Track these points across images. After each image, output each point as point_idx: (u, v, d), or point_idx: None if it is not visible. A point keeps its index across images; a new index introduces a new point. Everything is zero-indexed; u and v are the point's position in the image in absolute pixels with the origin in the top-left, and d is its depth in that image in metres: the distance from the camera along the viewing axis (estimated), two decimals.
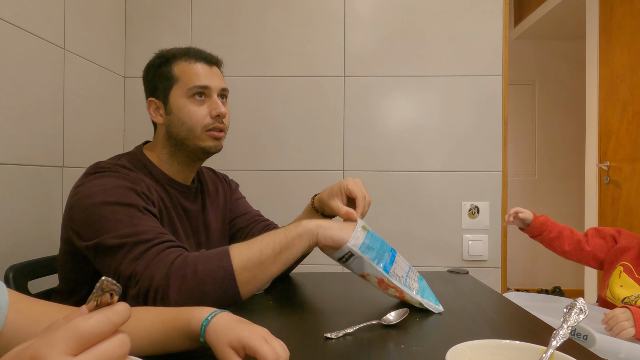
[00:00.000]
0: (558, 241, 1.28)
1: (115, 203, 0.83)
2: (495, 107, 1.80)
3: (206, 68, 1.03)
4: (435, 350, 0.65)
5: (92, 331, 0.32)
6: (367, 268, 0.83)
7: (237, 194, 1.26)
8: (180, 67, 1.02)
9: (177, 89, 1.01)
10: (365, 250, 0.82)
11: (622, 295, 1.07)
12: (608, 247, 1.23)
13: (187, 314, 0.62)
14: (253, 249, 0.80)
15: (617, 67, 2.52)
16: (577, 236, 1.28)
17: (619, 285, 1.10)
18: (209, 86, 1.01)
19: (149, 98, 1.05)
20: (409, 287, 0.85)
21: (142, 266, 0.77)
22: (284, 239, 0.82)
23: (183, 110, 1.00)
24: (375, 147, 1.81)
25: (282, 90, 1.83)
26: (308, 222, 0.85)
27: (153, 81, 1.04)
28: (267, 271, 0.81)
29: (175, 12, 1.83)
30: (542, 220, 1.30)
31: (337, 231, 0.83)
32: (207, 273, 0.76)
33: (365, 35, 1.82)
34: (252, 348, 0.55)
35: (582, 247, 1.25)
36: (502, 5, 1.79)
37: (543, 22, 3.53)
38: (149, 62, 1.07)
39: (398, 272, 0.85)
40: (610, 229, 1.27)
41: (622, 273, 1.12)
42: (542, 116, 4.01)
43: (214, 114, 1.01)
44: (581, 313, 0.58)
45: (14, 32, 1.20)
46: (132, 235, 0.79)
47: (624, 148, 2.46)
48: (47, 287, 1.08)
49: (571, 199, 3.95)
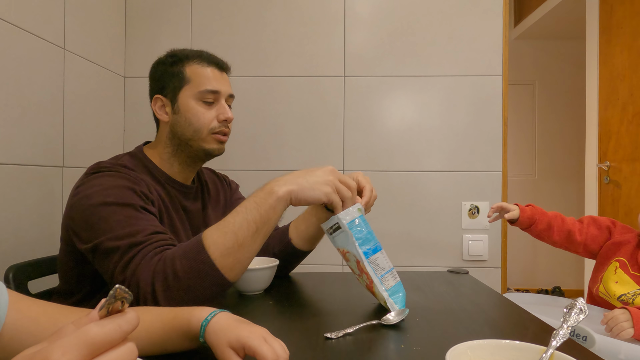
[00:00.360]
0: (547, 232, 1.25)
1: (114, 203, 0.83)
2: (495, 107, 1.80)
3: (217, 73, 1.05)
4: (435, 350, 0.65)
5: (104, 339, 0.32)
6: (350, 245, 0.83)
7: (237, 194, 1.26)
8: (192, 68, 1.03)
9: (188, 90, 1.02)
10: (352, 228, 0.83)
11: (618, 292, 1.07)
12: (603, 238, 1.21)
13: (187, 314, 0.62)
14: (227, 234, 0.77)
15: (617, 67, 2.52)
16: (567, 226, 1.24)
17: (615, 281, 1.10)
18: (219, 91, 1.03)
19: (156, 95, 1.05)
20: (382, 281, 0.84)
21: (130, 272, 0.77)
22: (257, 216, 0.79)
23: (191, 111, 1.01)
24: (375, 147, 1.82)
25: (282, 91, 1.83)
26: (278, 186, 0.81)
27: (162, 79, 1.04)
28: (249, 250, 0.79)
29: (175, 12, 1.83)
30: (529, 214, 1.25)
31: (309, 192, 0.81)
32: (187, 271, 0.75)
33: (365, 35, 1.82)
34: (252, 348, 0.55)
35: (573, 238, 1.22)
36: (502, 5, 1.79)
37: (543, 22, 3.53)
38: (159, 59, 1.07)
39: (379, 263, 0.85)
40: (606, 219, 1.24)
41: (618, 269, 1.11)
42: (542, 116, 4.01)
43: (221, 118, 1.03)
44: (581, 313, 0.58)
45: (14, 32, 1.20)
46: (126, 237, 0.79)
47: (624, 148, 2.46)
48: (47, 287, 1.08)
49: (571, 199, 3.95)
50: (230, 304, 0.93)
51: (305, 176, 0.83)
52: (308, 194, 0.81)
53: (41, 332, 0.58)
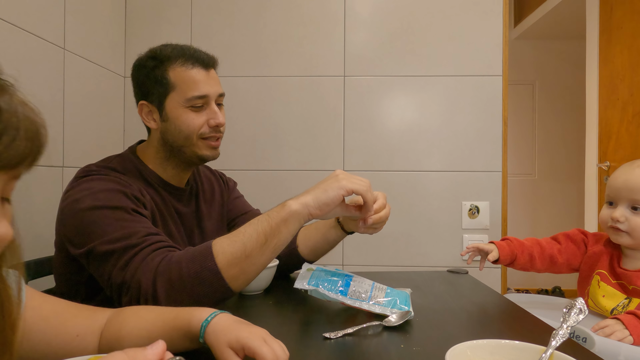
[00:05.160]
0: (530, 263, 1.21)
1: (104, 207, 0.82)
2: (495, 107, 1.80)
3: (203, 73, 0.98)
4: (435, 350, 0.65)
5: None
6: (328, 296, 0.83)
7: (235, 192, 1.24)
8: (176, 72, 0.97)
9: (174, 97, 0.97)
10: (316, 284, 0.84)
11: (609, 307, 1.06)
12: (580, 252, 1.19)
13: (188, 315, 0.62)
14: (236, 243, 0.77)
15: (617, 67, 2.51)
16: (547, 251, 1.19)
17: (601, 295, 1.09)
18: (208, 94, 0.98)
19: (141, 101, 1.01)
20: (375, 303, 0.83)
21: (130, 274, 0.76)
22: (267, 228, 0.78)
23: (180, 119, 0.97)
24: (375, 147, 1.81)
25: (282, 91, 1.83)
26: (293, 200, 0.81)
27: (145, 84, 0.99)
28: (256, 262, 0.78)
29: (175, 12, 1.83)
30: (508, 252, 1.19)
31: (324, 195, 0.81)
32: (192, 275, 0.75)
33: (365, 36, 1.82)
34: (252, 349, 0.55)
35: (555, 261, 1.19)
36: (502, 5, 1.79)
37: (543, 22, 3.53)
38: (139, 61, 1.01)
39: (359, 289, 0.85)
40: (577, 231, 1.20)
41: (600, 282, 1.10)
42: (542, 116, 4.01)
43: (212, 124, 0.99)
44: (580, 313, 0.58)
45: (14, 32, 1.20)
46: (121, 240, 0.79)
47: (624, 148, 2.46)
48: (46, 288, 1.08)
49: (571, 199, 3.95)
50: (230, 304, 0.93)
51: (317, 185, 0.83)
52: (323, 197, 0.81)
53: (51, 330, 0.60)
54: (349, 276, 0.88)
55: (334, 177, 0.84)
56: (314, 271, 0.88)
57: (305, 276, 0.86)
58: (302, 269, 0.89)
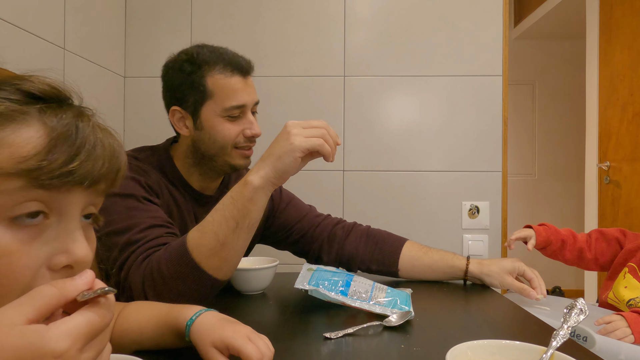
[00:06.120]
0: (561, 251, 1.24)
1: (116, 195, 0.83)
2: (495, 107, 1.80)
3: (242, 81, 0.95)
4: (435, 350, 0.65)
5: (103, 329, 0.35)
6: (328, 296, 0.84)
7: (283, 203, 1.15)
8: (215, 80, 0.93)
9: (211, 105, 0.93)
10: (316, 284, 0.84)
11: (627, 297, 1.06)
12: (612, 251, 1.20)
13: (177, 312, 0.62)
14: (207, 234, 0.75)
15: (617, 67, 2.51)
16: (579, 244, 1.23)
17: (624, 286, 1.09)
18: (246, 104, 0.96)
19: (174, 107, 0.96)
20: (376, 303, 0.83)
21: (122, 276, 0.77)
22: (235, 211, 0.75)
23: (216, 129, 0.94)
24: (375, 147, 1.81)
25: (282, 91, 1.83)
26: (254, 177, 0.76)
27: (180, 89, 0.94)
28: (234, 247, 0.76)
29: (175, 12, 1.83)
30: (545, 237, 1.23)
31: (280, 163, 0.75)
32: (174, 275, 0.75)
33: (365, 35, 1.82)
34: (236, 348, 0.55)
35: (583, 255, 1.22)
36: (502, 5, 1.79)
37: (543, 22, 3.53)
38: (174, 64, 0.96)
39: (360, 289, 0.85)
40: (615, 230, 1.23)
41: (627, 274, 1.10)
42: (542, 116, 4.01)
43: (248, 134, 0.97)
44: (581, 313, 0.58)
45: (14, 32, 1.20)
46: (125, 232, 0.79)
47: (624, 148, 2.46)
48: None
49: (571, 199, 3.95)
50: (230, 303, 0.93)
51: (271, 150, 0.77)
52: (281, 166, 0.75)
53: None
54: (349, 276, 0.89)
55: (285, 136, 0.76)
56: (314, 271, 0.88)
57: (306, 276, 0.86)
58: (303, 269, 0.89)
